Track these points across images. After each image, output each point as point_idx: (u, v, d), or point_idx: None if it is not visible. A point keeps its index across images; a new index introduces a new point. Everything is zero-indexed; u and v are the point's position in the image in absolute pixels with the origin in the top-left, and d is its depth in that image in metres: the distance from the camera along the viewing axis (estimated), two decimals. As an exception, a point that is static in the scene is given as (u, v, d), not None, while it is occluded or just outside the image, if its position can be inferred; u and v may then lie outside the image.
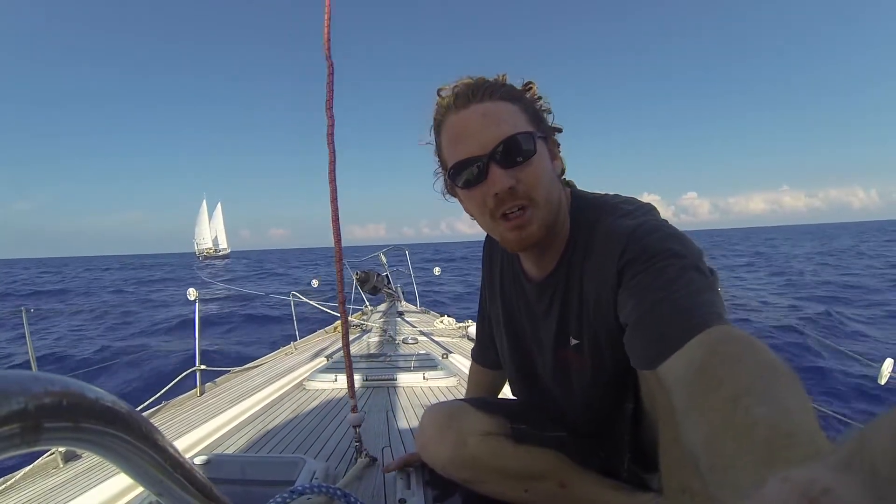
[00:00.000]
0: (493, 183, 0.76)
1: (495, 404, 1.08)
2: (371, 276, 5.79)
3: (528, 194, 0.77)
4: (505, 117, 0.77)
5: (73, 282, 24.61)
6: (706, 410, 0.43)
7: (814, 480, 0.19)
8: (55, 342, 7.56)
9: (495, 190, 0.76)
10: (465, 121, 0.79)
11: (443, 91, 0.83)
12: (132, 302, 14.18)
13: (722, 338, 0.53)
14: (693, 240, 0.71)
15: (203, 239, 71.61)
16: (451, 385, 2.39)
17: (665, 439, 0.72)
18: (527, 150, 0.77)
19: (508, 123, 0.77)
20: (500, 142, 0.75)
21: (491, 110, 0.78)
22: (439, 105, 0.83)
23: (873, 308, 8.15)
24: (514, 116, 0.78)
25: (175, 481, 0.42)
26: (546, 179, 0.79)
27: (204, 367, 2.69)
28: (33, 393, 0.27)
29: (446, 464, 1.02)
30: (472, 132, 0.77)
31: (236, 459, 1.37)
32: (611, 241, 0.75)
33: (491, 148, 0.76)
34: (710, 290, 0.62)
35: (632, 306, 0.68)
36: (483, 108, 0.78)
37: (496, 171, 0.76)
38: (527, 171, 0.76)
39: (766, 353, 0.46)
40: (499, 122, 0.77)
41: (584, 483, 0.95)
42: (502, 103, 0.79)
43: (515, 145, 0.76)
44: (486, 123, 0.77)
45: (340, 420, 1.89)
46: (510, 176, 0.75)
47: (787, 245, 35.42)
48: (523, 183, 0.76)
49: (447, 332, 4.15)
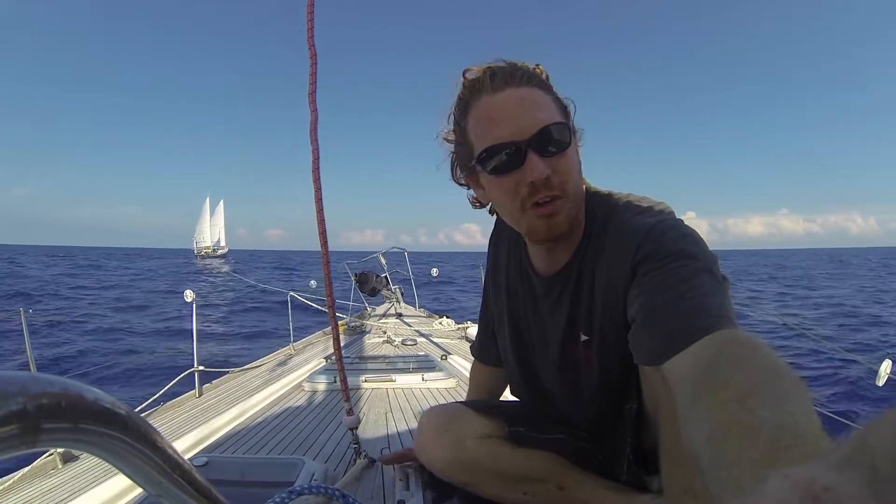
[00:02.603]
0: (532, 170, 0.73)
1: (494, 407, 1.08)
2: (370, 277, 5.79)
3: (562, 186, 0.75)
4: (542, 105, 0.76)
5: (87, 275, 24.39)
6: (711, 410, 0.43)
7: (815, 478, 0.19)
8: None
9: (532, 178, 0.73)
10: (501, 103, 0.75)
11: (469, 73, 0.80)
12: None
13: (729, 340, 0.53)
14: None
15: (203, 237, 71.14)
16: (450, 386, 2.39)
17: (667, 440, 0.72)
18: (562, 140, 0.75)
19: (547, 111, 0.75)
20: (540, 129, 0.73)
21: (529, 96, 0.75)
22: (470, 84, 0.79)
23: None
24: (550, 106, 0.77)
25: (174, 482, 0.42)
26: (576, 173, 0.78)
27: (202, 368, 2.68)
28: (32, 393, 0.27)
29: (445, 466, 1.02)
30: (510, 116, 0.74)
31: (235, 460, 1.37)
32: (626, 238, 0.75)
33: (530, 134, 0.73)
34: (721, 294, 0.63)
35: (641, 303, 0.68)
36: (521, 93, 0.75)
37: (534, 159, 0.73)
38: (561, 161, 0.75)
39: (773, 357, 0.47)
40: (536, 109, 0.74)
41: (583, 485, 0.95)
42: (539, 91, 0.77)
43: (553, 134, 0.74)
44: (525, 108, 0.74)
45: (339, 421, 1.88)
46: (547, 165, 0.73)
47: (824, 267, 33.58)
48: (558, 174, 0.74)
49: (446, 333, 4.15)
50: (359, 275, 5.69)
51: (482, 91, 0.77)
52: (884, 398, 4.05)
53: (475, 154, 0.78)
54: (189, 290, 3.03)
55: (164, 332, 8.71)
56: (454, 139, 0.86)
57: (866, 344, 7.06)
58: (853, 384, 4.57)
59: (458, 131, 0.83)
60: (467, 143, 0.81)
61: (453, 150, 0.88)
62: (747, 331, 0.57)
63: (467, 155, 0.82)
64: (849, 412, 3.55)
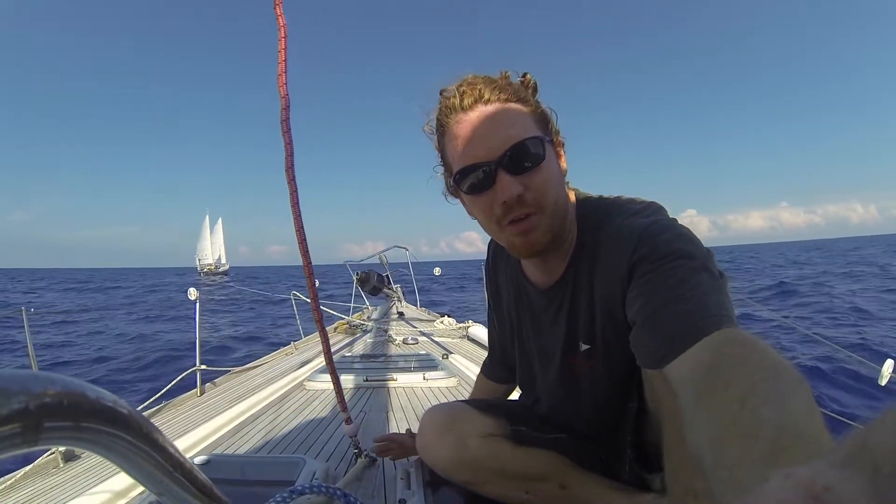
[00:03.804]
0: (502, 190, 0.73)
1: (496, 406, 1.08)
2: (371, 276, 5.80)
3: (537, 201, 0.75)
4: (513, 120, 0.75)
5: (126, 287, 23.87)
6: (713, 410, 0.43)
7: (816, 477, 0.19)
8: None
9: (504, 198, 0.73)
10: (471, 124, 0.75)
11: (445, 91, 0.80)
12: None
13: (730, 340, 0.53)
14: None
15: (205, 255, 71.94)
16: (452, 385, 2.39)
17: (669, 441, 0.72)
18: (535, 155, 0.74)
19: (517, 127, 0.74)
20: (509, 147, 0.73)
21: (498, 113, 0.75)
22: (444, 105, 0.79)
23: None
24: (523, 119, 0.76)
25: (175, 481, 0.42)
26: (554, 185, 0.77)
27: (204, 367, 2.69)
28: (34, 392, 0.27)
29: (447, 465, 1.02)
30: (479, 136, 0.74)
31: (236, 459, 1.37)
32: (620, 241, 0.74)
33: (499, 154, 0.73)
34: (719, 293, 0.62)
35: (640, 305, 0.67)
36: (490, 110, 0.75)
37: (505, 179, 0.73)
38: (536, 177, 0.74)
39: (774, 356, 0.47)
40: (507, 126, 0.74)
41: (585, 484, 0.95)
42: (510, 105, 0.76)
43: (524, 151, 0.73)
44: (493, 127, 0.74)
45: (340, 421, 1.88)
46: (519, 183, 0.73)
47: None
48: (532, 190, 0.74)
49: (447, 332, 4.15)
50: (360, 274, 5.70)
51: (454, 112, 0.77)
52: (885, 399, 4.05)
53: (454, 174, 0.79)
54: (192, 289, 3.04)
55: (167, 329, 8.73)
56: (439, 157, 0.86)
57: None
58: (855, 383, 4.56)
59: (440, 150, 0.84)
60: (447, 163, 0.83)
61: (441, 164, 0.88)
62: (746, 329, 0.57)
63: (449, 173, 0.83)
64: (848, 412, 3.55)
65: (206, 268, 68.75)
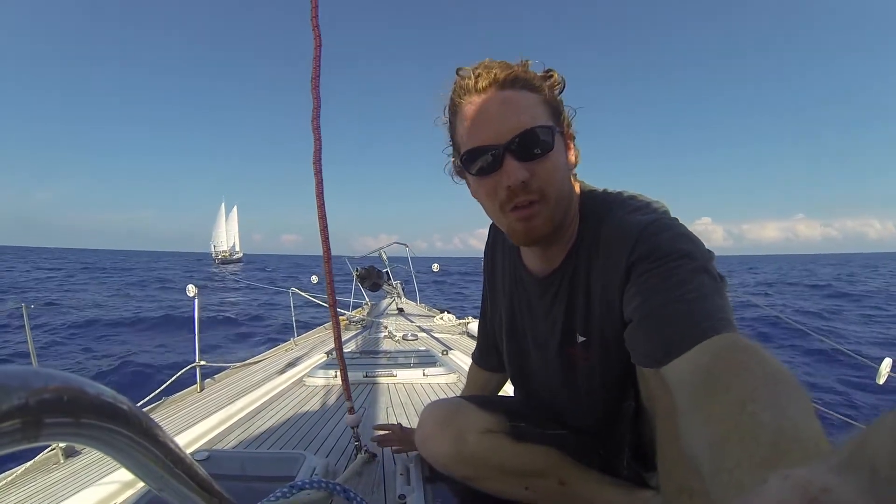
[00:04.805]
0: (508, 175, 0.74)
1: (495, 402, 1.08)
2: (371, 272, 5.80)
3: (542, 189, 0.75)
4: (525, 108, 0.75)
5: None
6: (712, 415, 0.43)
7: (814, 479, 0.19)
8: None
9: (509, 182, 0.74)
10: (484, 106, 0.76)
11: (462, 71, 0.80)
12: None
13: (729, 345, 0.53)
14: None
15: (220, 242, 72.12)
16: (451, 381, 2.40)
17: (663, 439, 0.72)
18: (544, 143, 0.74)
19: (528, 114, 0.74)
20: (518, 133, 0.73)
21: (512, 99, 0.75)
22: (458, 86, 0.79)
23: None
24: (535, 108, 0.76)
25: (176, 477, 0.42)
26: (559, 175, 0.77)
27: (204, 363, 2.69)
28: (34, 388, 0.27)
29: (446, 461, 1.02)
30: (490, 119, 0.75)
31: (236, 455, 1.38)
32: (621, 237, 0.74)
33: (508, 138, 0.73)
34: (718, 295, 0.62)
35: (638, 303, 0.67)
36: (504, 95, 0.75)
37: (511, 163, 0.73)
38: (542, 165, 0.74)
39: (773, 362, 0.47)
40: (518, 112, 0.74)
41: (584, 480, 0.95)
42: (524, 92, 0.76)
43: (533, 138, 0.73)
44: (505, 112, 0.74)
45: (340, 416, 1.89)
46: (525, 169, 0.73)
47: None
48: (537, 177, 0.74)
49: (447, 328, 4.16)
50: (360, 270, 5.71)
51: (468, 93, 0.78)
52: (883, 398, 4.05)
53: (461, 154, 0.79)
54: (191, 285, 3.04)
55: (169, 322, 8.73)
56: (449, 137, 0.86)
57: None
58: (853, 383, 4.57)
59: (450, 130, 0.84)
60: (456, 143, 0.83)
61: (451, 145, 0.88)
62: (745, 333, 0.57)
63: (457, 153, 0.83)
64: (848, 412, 3.56)
65: (220, 255, 68.80)
